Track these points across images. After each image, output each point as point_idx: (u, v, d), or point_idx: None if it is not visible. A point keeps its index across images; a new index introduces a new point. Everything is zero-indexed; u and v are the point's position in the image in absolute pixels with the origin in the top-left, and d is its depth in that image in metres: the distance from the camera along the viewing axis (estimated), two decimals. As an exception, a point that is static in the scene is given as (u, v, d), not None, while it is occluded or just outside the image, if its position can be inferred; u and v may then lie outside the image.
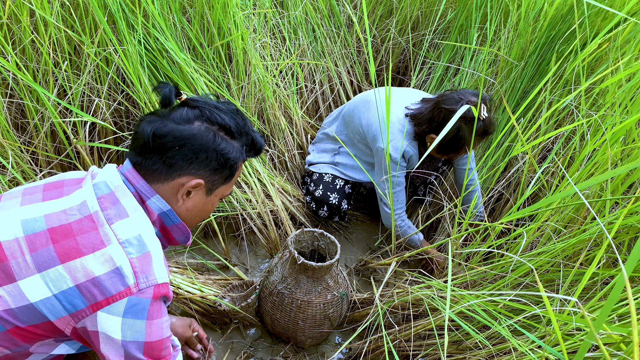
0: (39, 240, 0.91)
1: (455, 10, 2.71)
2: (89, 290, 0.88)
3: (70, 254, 0.89)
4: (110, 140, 2.08)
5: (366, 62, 2.82)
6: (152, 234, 0.99)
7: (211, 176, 1.04)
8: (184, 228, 1.09)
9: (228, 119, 1.04)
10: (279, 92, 2.33)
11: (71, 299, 0.88)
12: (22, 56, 1.80)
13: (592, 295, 1.38)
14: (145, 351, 0.95)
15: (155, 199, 1.01)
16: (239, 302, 1.76)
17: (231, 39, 2.09)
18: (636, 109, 1.46)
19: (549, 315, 0.86)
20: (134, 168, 1.01)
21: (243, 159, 1.10)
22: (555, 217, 1.57)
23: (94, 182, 0.99)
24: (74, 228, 0.92)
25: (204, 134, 1.00)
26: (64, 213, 0.94)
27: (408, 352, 1.60)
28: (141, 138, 0.98)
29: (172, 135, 0.98)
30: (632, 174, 1.42)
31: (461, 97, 1.74)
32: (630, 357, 0.92)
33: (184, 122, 1.00)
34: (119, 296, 0.89)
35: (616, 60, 1.74)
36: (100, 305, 0.89)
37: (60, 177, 1.06)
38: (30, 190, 1.01)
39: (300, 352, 1.79)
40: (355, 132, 2.05)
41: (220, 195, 1.12)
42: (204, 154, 1.00)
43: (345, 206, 2.17)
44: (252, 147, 1.12)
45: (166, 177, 1.01)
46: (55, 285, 0.88)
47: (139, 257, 0.93)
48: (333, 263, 1.58)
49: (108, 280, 0.89)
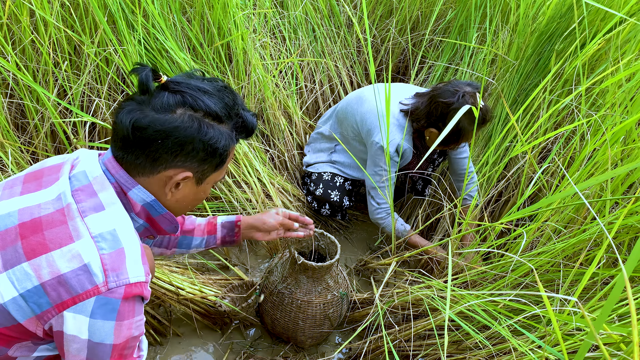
0: (9, 236, 0.86)
1: (455, 10, 2.71)
2: (54, 288, 0.82)
3: (36, 250, 0.84)
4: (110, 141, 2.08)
5: (366, 62, 2.82)
6: (129, 229, 0.92)
7: (200, 167, 0.96)
8: (172, 218, 1.03)
9: (214, 103, 0.94)
10: (278, 92, 2.33)
11: (36, 299, 0.83)
12: (22, 56, 1.80)
13: (592, 296, 1.39)
14: (113, 354, 0.91)
15: (137, 189, 0.94)
16: (239, 302, 1.76)
17: (231, 39, 2.09)
18: (636, 109, 1.46)
19: (549, 315, 0.86)
20: (114, 159, 0.94)
21: (234, 144, 1.01)
22: (555, 217, 1.57)
23: (73, 173, 0.93)
24: (44, 222, 0.86)
25: (188, 124, 0.90)
26: (38, 207, 0.88)
27: (408, 352, 1.60)
28: (120, 130, 0.90)
29: (153, 128, 0.88)
30: (632, 174, 1.42)
31: (456, 89, 1.75)
32: (630, 357, 0.92)
33: (164, 110, 0.90)
34: (85, 295, 0.83)
35: (616, 60, 1.74)
36: (66, 305, 0.83)
37: (41, 164, 0.99)
38: (10, 183, 0.96)
39: (300, 352, 1.79)
40: (350, 130, 2.06)
41: (212, 182, 1.04)
42: (189, 145, 0.91)
43: (346, 203, 2.17)
44: (242, 128, 1.01)
45: (151, 170, 0.94)
46: (20, 284, 0.82)
47: (110, 253, 0.86)
48: (333, 263, 1.58)
49: (74, 278, 0.82)
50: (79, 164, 0.95)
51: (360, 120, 1.97)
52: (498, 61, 2.35)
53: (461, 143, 1.85)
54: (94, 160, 0.95)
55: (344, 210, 2.23)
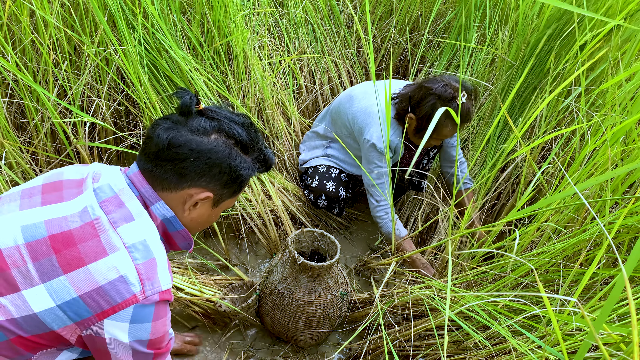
0: (40, 248, 0.90)
1: (454, 10, 2.71)
2: (93, 299, 0.88)
3: (72, 264, 0.89)
4: (110, 141, 2.08)
5: (366, 62, 2.82)
6: (157, 239, 0.98)
7: (220, 190, 1.03)
8: (187, 235, 1.08)
9: (244, 134, 1.02)
10: (276, 93, 2.33)
11: (76, 309, 0.88)
12: (22, 56, 1.80)
13: (592, 296, 1.39)
14: (149, 346, 0.97)
15: (159, 204, 1.00)
16: (239, 302, 1.76)
17: (231, 39, 2.09)
18: (636, 109, 1.46)
19: (549, 316, 0.86)
20: (141, 173, 1.00)
21: (253, 174, 1.09)
22: (555, 217, 1.57)
23: (97, 186, 0.97)
24: (75, 236, 0.91)
25: (221, 149, 0.99)
26: (65, 220, 0.92)
27: (408, 352, 1.60)
28: (155, 145, 0.97)
29: (189, 147, 0.96)
30: (632, 174, 1.42)
31: (443, 80, 1.78)
32: (630, 357, 0.92)
33: (201, 133, 0.98)
34: (125, 304, 0.89)
35: (616, 60, 1.74)
36: (106, 314, 0.89)
37: (58, 175, 1.03)
38: (28, 192, 0.99)
39: (300, 352, 1.79)
40: (343, 128, 2.08)
41: (224, 207, 1.11)
42: (217, 168, 0.99)
43: (343, 194, 2.16)
44: (263, 163, 1.11)
45: (176, 186, 1.00)
46: (58, 296, 0.87)
47: (144, 262, 0.92)
48: (333, 263, 1.58)
49: (113, 290, 0.88)
50: (101, 177, 1.00)
51: (352, 118, 1.99)
52: (497, 61, 2.35)
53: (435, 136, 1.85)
54: (117, 174, 1.00)
55: (340, 203, 2.22)
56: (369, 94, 1.98)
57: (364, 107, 1.95)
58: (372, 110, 1.92)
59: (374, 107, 1.92)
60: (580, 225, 1.49)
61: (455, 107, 1.72)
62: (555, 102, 2.02)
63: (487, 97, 2.38)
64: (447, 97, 1.73)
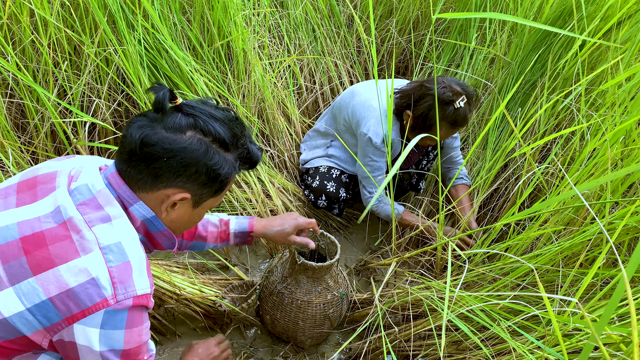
0: (10, 250, 0.86)
1: (455, 10, 2.71)
2: (63, 302, 0.84)
3: (42, 265, 0.85)
4: (110, 141, 2.08)
5: (366, 62, 2.82)
6: (134, 242, 0.94)
7: (199, 190, 0.98)
8: (170, 235, 1.04)
9: (223, 130, 0.96)
10: (277, 93, 2.33)
11: (45, 313, 0.84)
12: (22, 56, 1.80)
13: (592, 296, 1.39)
14: (123, 357, 0.93)
15: (138, 205, 0.96)
16: (239, 302, 1.76)
17: (231, 39, 2.09)
18: (636, 109, 1.46)
19: (549, 316, 0.86)
20: (117, 173, 0.96)
21: (236, 173, 1.03)
22: (555, 217, 1.57)
23: (74, 186, 0.93)
24: (47, 236, 0.87)
25: (196, 147, 0.93)
26: (38, 220, 0.89)
27: (408, 352, 1.60)
28: (128, 144, 0.92)
29: (161, 146, 0.91)
30: (632, 175, 1.42)
31: (444, 81, 1.78)
32: (630, 357, 0.92)
33: (175, 130, 0.92)
34: (95, 308, 0.85)
35: (616, 61, 1.74)
36: (75, 317, 0.85)
37: (34, 171, 0.99)
38: (4, 192, 0.96)
39: (300, 352, 1.79)
40: (342, 123, 2.09)
41: (208, 207, 1.06)
42: (193, 167, 0.94)
43: (343, 195, 2.17)
44: (247, 160, 1.04)
45: (151, 187, 0.95)
46: (27, 298, 0.84)
47: (118, 265, 0.88)
48: (333, 263, 1.58)
49: (83, 292, 0.84)
50: (79, 176, 0.95)
51: (351, 112, 2.00)
52: (497, 61, 2.35)
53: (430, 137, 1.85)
54: (95, 173, 0.96)
55: (340, 204, 2.22)
56: (371, 88, 1.99)
57: (363, 100, 1.96)
58: (372, 104, 1.93)
59: (373, 101, 1.93)
60: (580, 225, 1.49)
61: (452, 110, 1.73)
62: (555, 102, 2.02)
63: (486, 96, 2.38)
64: (445, 99, 1.73)
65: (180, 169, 0.93)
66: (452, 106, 1.73)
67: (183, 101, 0.97)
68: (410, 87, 1.88)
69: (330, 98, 2.64)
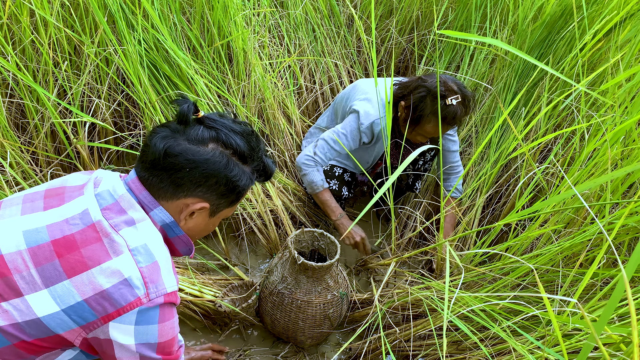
0: (42, 253, 0.90)
1: (455, 10, 2.71)
2: (98, 303, 0.88)
3: (76, 268, 0.89)
4: (110, 140, 2.08)
5: (366, 62, 2.82)
6: (159, 242, 0.98)
7: (217, 200, 1.02)
8: (187, 240, 1.08)
9: (243, 143, 1.01)
10: (277, 93, 2.33)
11: (80, 313, 0.88)
12: (22, 56, 1.80)
13: (591, 296, 1.39)
14: (158, 350, 0.97)
15: (158, 210, 0.99)
16: (239, 303, 1.76)
17: (231, 39, 2.09)
18: (636, 109, 1.46)
19: (549, 316, 0.86)
20: (138, 180, 0.99)
21: (252, 184, 1.08)
22: (555, 217, 1.57)
23: (97, 192, 0.97)
24: (78, 240, 0.91)
25: (218, 159, 0.97)
26: (67, 223, 0.92)
27: (408, 352, 1.60)
28: (152, 153, 0.96)
29: (184, 157, 0.95)
30: (632, 175, 1.42)
31: (441, 77, 1.78)
32: (630, 357, 0.92)
33: (198, 142, 0.97)
34: (129, 307, 0.89)
35: (616, 61, 1.74)
36: (111, 317, 0.89)
37: (62, 181, 1.04)
38: (31, 196, 0.99)
39: (300, 352, 1.79)
40: (341, 115, 2.10)
41: (223, 216, 1.10)
42: (214, 178, 0.98)
43: (345, 193, 2.16)
44: (262, 172, 1.09)
45: (172, 196, 0.99)
46: (62, 300, 0.87)
47: (148, 265, 0.92)
48: (333, 263, 1.58)
49: (117, 293, 0.88)
50: (101, 182, 0.99)
51: (350, 101, 2.02)
52: (497, 61, 2.35)
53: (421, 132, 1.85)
54: (117, 180, 1.00)
55: (342, 203, 2.22)
56: (372, 83, 2.01)
57: (362, 88, 1.99)
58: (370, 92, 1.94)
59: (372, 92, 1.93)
60: (580, 226, 1.49)
61: (442, 105, 1.72)
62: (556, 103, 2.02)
63: (487, 96, 2.38)
64: (440, 94, 1.72)
65: (201, 179, 0.97)
66: (442, 101, 1.72)
67: (205, 114, 1.01)
68: (409, 80, 1.89)
69: (330, 98, 2.64)
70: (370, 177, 2.08)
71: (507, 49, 0.85)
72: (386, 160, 2.10)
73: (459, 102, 1.73)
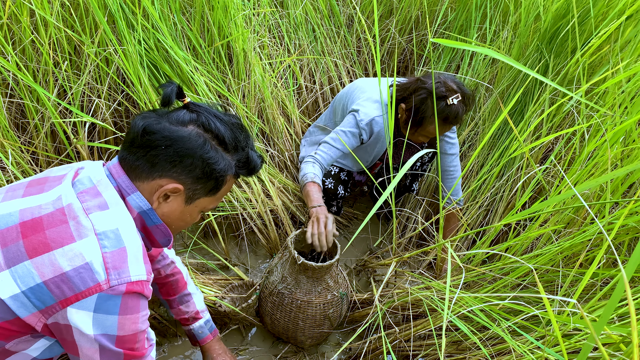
0: (10, 234, 0.89)
1: (455, 10, 2.71)
2: (57, 286, 0.86)
3: (38, 249, 0.87)
4: (110, 140, 2.08)
5: (366, 62, 2.82)
6: (131, 229, 0.96)
7: (193, 184, 1.01)
8: (165, 230, 1.05)
9: (224, 130, 1.00)
10: (276, 93, 2.33)
11: (39, 295, 0.86)
12: (22, 56, 1.80)
13: (591, 296, 1.39)
14: (117, 344, 0.94)
15: (135, 195, 0.98)
16: (239, 303, 1.76)
17: (231, 39, 2.09)
18: (636, 109, 1.46)
19: (549, 316, 0.86)
20: (119, 163, 0.99)
21: (233, 174, 1.05)
22: (555, 217, 1.57)
23: (77, 179, 0.96)
24: (45, 221, 0.89)
25: (194, 139, 0.97)
26: (39, 207, 0.92)
27: (408, 352, 1.60)
28: (132, 132, 0.96)
29: (161, 134, 0.95)
30: (632, 175, 1.42)
31: (440, 77, 1.78)
32: (630, 357, 0.92)
33: (178, 123, 0.97)
34: (88, 292, 0.87)
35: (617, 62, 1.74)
36: (69, 301, 0.86)
37: (46, 173, 1.03)
38: (14, 187, 0.99)
39: (300, 352, 1.79)
40: (340, 113, 2.10)
41: (201, 207, 1.08)
42: (189, 159, 0.97)
43: (341, 192, 2.16)
44: (245, 164, 1.07)
45: (147, 175, 0.98)
46: (23, 281, 0.86)
47: (112, 252, 0.90)
48: (333, 263, 1.58)
49: (77, 276, 0.86)
50: (83, 171, 0.99)
51: (349, 99, 2.01)
52: (499, 62, 2.35)
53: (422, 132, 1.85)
54: (98, 167, 1.00)
55: (339, 202, 2.21)
56: (372, 82, 2.02)
57: (362, 88, 1.99)
58: (370, 91, 1.94)
59: (375, 94, 1.93)
60: (580, 226, 1.49)
61: (444, 105, 1.72)
62: (556, 103, 2.02)
63: (488, 97, 2.38)
64: (438, 94, 1.73)
65: (176, 158, 0.96)
66: (444, 102, 1.73)
67: (191, 100, 1.01)
68: (407, 81, 1.89)
69: (330, 98, 2.64)
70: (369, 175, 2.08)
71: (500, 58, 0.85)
72: (385, 160, 2.10)
73: (459, 101, 1.74)
